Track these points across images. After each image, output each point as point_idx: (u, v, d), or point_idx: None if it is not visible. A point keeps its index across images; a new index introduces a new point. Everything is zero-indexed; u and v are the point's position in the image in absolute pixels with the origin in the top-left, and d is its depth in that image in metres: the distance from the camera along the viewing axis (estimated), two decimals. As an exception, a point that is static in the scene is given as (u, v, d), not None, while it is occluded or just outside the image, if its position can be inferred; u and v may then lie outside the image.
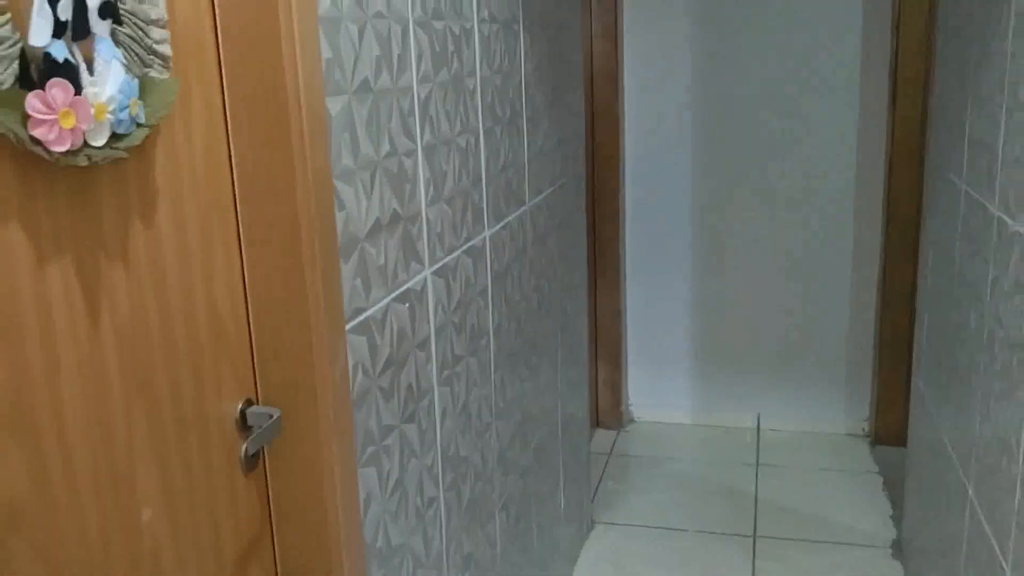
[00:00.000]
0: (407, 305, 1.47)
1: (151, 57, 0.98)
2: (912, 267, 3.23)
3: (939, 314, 2.27)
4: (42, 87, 0.82)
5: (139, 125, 0.95)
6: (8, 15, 0.80)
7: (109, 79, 0.90)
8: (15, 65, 0.80)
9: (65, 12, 0.84)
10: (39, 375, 0.86)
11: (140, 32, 0.96)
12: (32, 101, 0.80)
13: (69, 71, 0.84)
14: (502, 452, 2.02)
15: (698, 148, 3.51)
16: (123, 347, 0.97)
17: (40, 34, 0.82)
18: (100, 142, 0.89)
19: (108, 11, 0.90)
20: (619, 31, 3.39)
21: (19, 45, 0.81)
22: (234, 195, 1.16)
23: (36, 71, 0.83)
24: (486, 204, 1.85)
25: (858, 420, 3.61)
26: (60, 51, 0.84)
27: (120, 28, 0.93)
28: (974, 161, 1.93)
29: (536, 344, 2.28)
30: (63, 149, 0.84)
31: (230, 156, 1.15)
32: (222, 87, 1.13)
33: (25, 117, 0.81)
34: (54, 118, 0.82)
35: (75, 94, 0.84)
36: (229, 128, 1.14)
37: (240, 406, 1.18)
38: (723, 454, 3.50)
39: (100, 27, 0.89)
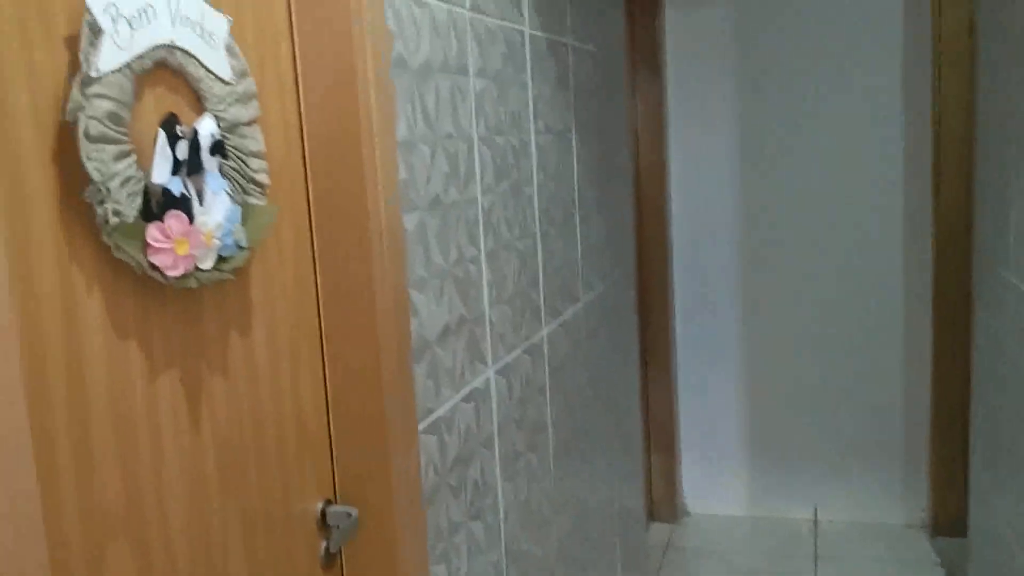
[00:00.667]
0: (473, 404, 1.54)
1: (251, 185, 1.08)
2: (964, 352, 3.23)
3: (994, 402, 2.27)
4: (161, 219, 0.91)
5: (241, 248, 1.04)
6: (134, 156, 0.90)
7: (216, 208, 1.00)
8: (138, 200, 0.90)
9: (182, 152, 0.94)
10: (148, 480, 0.94)
11: (242, 163, 1.06)
12: (152, 232, 0.90)
13: (184, 203, 0.94)
14: (562, 546, 2.05)
15: (745, 237, 3.58)
16: (220, 450, 1.05)
17: (161, 172, 0.92)
18: (208, 265, 0.98)
19: (217, 148, 1.00)
20: (664, 126, 3.51)
21: (143, 183, 0.91)
22: (318, 306, 1.25)
23: (156, 204, 0.92)
24: (543, 303, 1.92)
25: (916, 509, 3.55)
26: (177, 186, 0.94)
27: (226, 161, 1.04)
28: (1021, 252, 1.97)
29: (592, 436, 2.32)
30: (177, 274, 0.93)
31: (315, 272, 1.24)
32: (309, 210, 1.23)
33: (145, 246, 0.90)
34: (170, 246, 0.92)
35: (188, 223, 0.94)
36: (315, 246, 1.24)
37: (321, 505, 1.25)
38: (781, 547, 3.46)
39: (210, 162, 0.99)
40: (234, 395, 1.07)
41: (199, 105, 1.03)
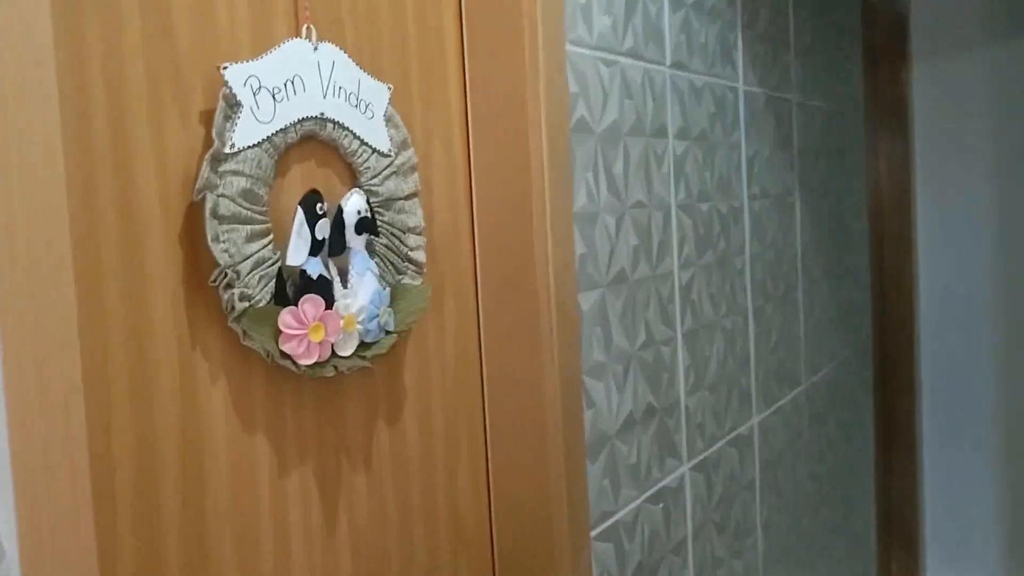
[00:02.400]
0: (661, 505, 1.37)
1: (405, 264, 1.00)
2: None
3: None
4: (295, 303, 0.84)
5: (388, 332, 0.96)
6: (271, 236, 0.84)
7: (361, 290, 0.92)
8: (272, 284, 0.84)
9: (323, 231, 0.88)
10: (273, 585, 0.86)
11: (397, 241, 0.99)
12: (285, 317, 0.83)
13: (322, 286, 0.87)
14: (771, 664, 1.80)
15: (1004, 313, 3.14)
16: (358, 546, 0.96)
17: (297, 253, 0.85)
18: (348, 352, 0.91)
19: (365, 226, 0.93)
20: (911, 191, 3.17)
21: (277, 265, 0.84)
22: (483, 393, 1.14)
23: (291, 288, 0.86)
24: (754, 388, 1.72)
25: None
26: (315, 268, 0.87)
27: (378, 239, 0.96)
28: None
29: (812, 538, 2.05)
30: (310, 362, 0.86)
31: (480, 356, 1.14)
32: (476, 287, 1.13)
33: (277, 332, 0.83)
34: (303, 332, 0.84)
35: (326, 308, 0.87)
36: (481, 329, 1.14)
37: (477, 613, 1.13)
38: (1050, 677, 2.94)
39: (356, 242, 0.92)
40: (377, 487, 0.98)
41: (353, 178, 0.96)
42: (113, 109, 0.73)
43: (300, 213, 0.85)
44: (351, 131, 0.94)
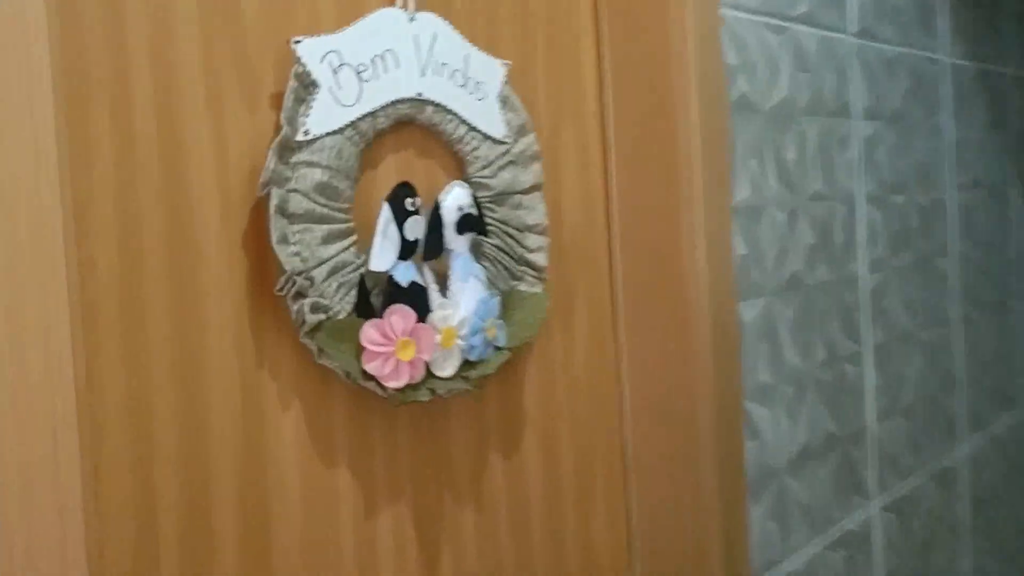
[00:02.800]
0: (843, 552, 1.16)
1: (522, 268, 0.85)
2: None
3: None
4: (381, 315, 0.72)
5: (498, 349, 0.81)
6: (354, 237, 0.72)
7: (464, 299, 0.78)
8: (353, 293, 0.72)
9: (414, 231, 0.74)
10: (359, 644, 0.73)
11: (512, 241, 0.84)
12: (368, 332, 0.71)
13: (414, 295, 0.74)
14: None
15: None
16: (467, 606, 0.82)
17: (383, 257, 0.72)
18: (447, 372, 0.77)
19: (469, 224, 0.79)
20: None
21: (359, 271, 0.72)
22: (621, 420, 0.98)
23: (378, 297, 0.73)
24: (962, 412, 1.46)
25: None
26: (405, 274, 0.74)
27: (488, 240, 0.82)
28: None
29: (1037, 589, 1.74)
30: (399, 384, 0.72)
31: (619, 377, 0.98)
32: (612, 295, 0.97)
33: (359, 349, 0.71)
34: (390, 350, 0.71)
35: (418, 320, 0.73)
36: (618, 344, 0.98)
37: (614, 676, 0.97)
38: None
39: (457, 243, 0.78)
40: (490, 536, 0.84)
41: (461, 170, 0.83)
42: (160, 90, 0.63)
43: (386, 210, 0.73)
44: (457, 115, 0.80)
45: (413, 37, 0.77)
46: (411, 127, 0.79)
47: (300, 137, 0.69)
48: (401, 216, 0.73)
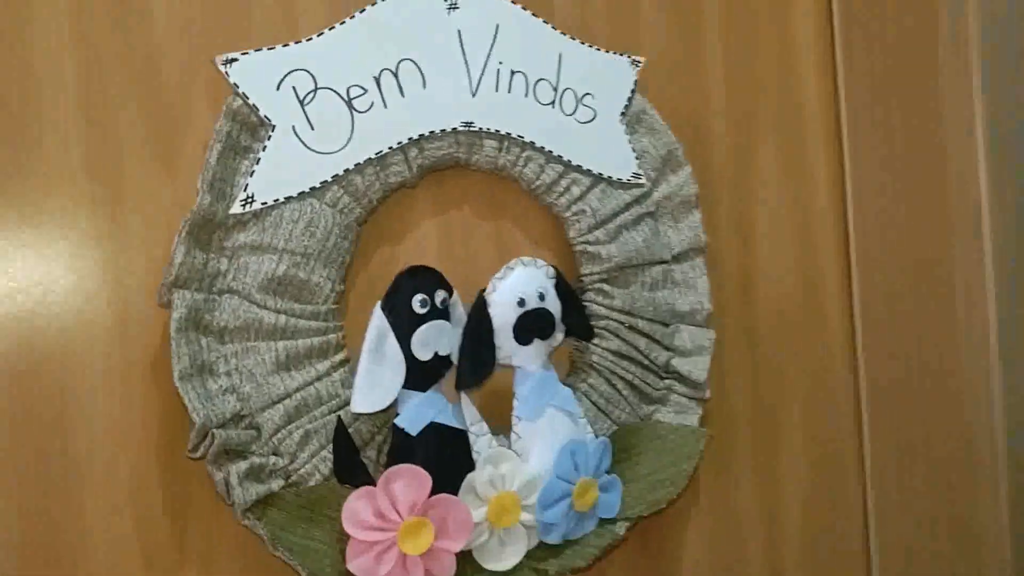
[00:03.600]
0: None
1: (663, 386, 0.54)
2: None
3: None
4: (370, 481, 0.45)
5: (608, 525, 0.51)
6: (343, 354, 0.46)
7: (535, 447, 0.49)
8: (326, 448, 0.46)
9: (432, 345, 0.46)
10: None
11: (646, 341, 0.53)
12: (353, 508, 0.44)
13: (437, 447, 0.46)
14: None
15: None
16: None
17: (372, 392, 0.45)
18: (505, 564, 0.48)
19: (534, 327, 0.48)
20: None
21: (339, 412, 0.46)
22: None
23: (374, 451, 0.47)
24: None
25: None
26: (418, 414, 0.46)
27: (597, 344, 0.52)
28: None
29: None
30: (401, 592, 0.45)
31: (868, 564, 0.61)
32: (860, 438, 0.61)
33: (341, 536, 0.45)
34: (389, 538, 0.44)
35: (446, 485, 0.45)
36: (867, 493, 0.61)
37: None
38: None
39: (522, 356, 0.49)
40: None
41: (556, 231, 0.53)
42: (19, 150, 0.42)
43: (377, 317, 0.45)
44: (541, 149, 0.51)
45: (456, 33, 0.49)
46: (458, 173, 0.51)
47: (237, 208, 0.44)
48: (407, 324, 0.46)
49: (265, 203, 0.45)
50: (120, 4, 0.45)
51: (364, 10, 0.47)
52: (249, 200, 0.44)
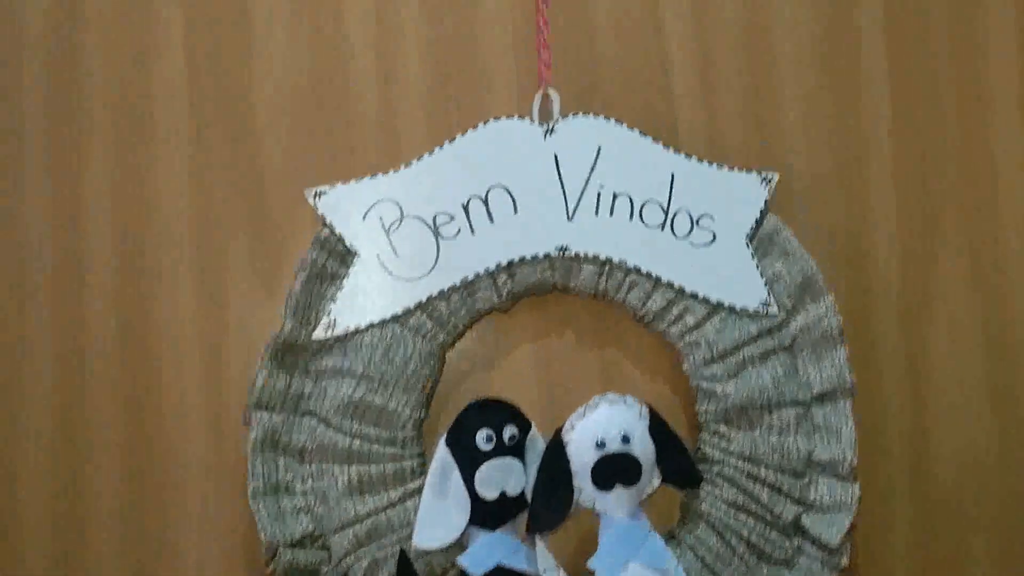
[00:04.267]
0: None
1: (787, 545, 0.46)
2: None
3: None
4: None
5: None
6: (419, 482, 0.45)
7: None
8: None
9: (497, 483, 0.43)
10: None
11: (769, 494, 0.46)
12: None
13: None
14: None
15: None
16: None
17: (434, 527, 0.44)
18: None
19: (614, 471, 0.43)
20: None
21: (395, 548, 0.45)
22: None
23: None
24: None
25: None
26: (485, 555, 0.44)
27: (704, 493, 0.46)
28: None
29: None
30: None
31: None
32: None
33: None
34: None
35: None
36: None
37: None
38: None
39: (604, 501, 0.44)
40: None
41: (669, 364, 0.49)
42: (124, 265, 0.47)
43: (442, 450, 0.44)
44: (648, 275, 0.47)
45: (553, 156, 0.48)
46: (559, 297, 0.49)
47: (320, 333, 0.46)
48: (470, 461, 0.44)
49: (347, 328, 0.46)
50: (234, 141, 0.50)
51: (455, 139, 0.47)
52: (331, 325, 0.46)
